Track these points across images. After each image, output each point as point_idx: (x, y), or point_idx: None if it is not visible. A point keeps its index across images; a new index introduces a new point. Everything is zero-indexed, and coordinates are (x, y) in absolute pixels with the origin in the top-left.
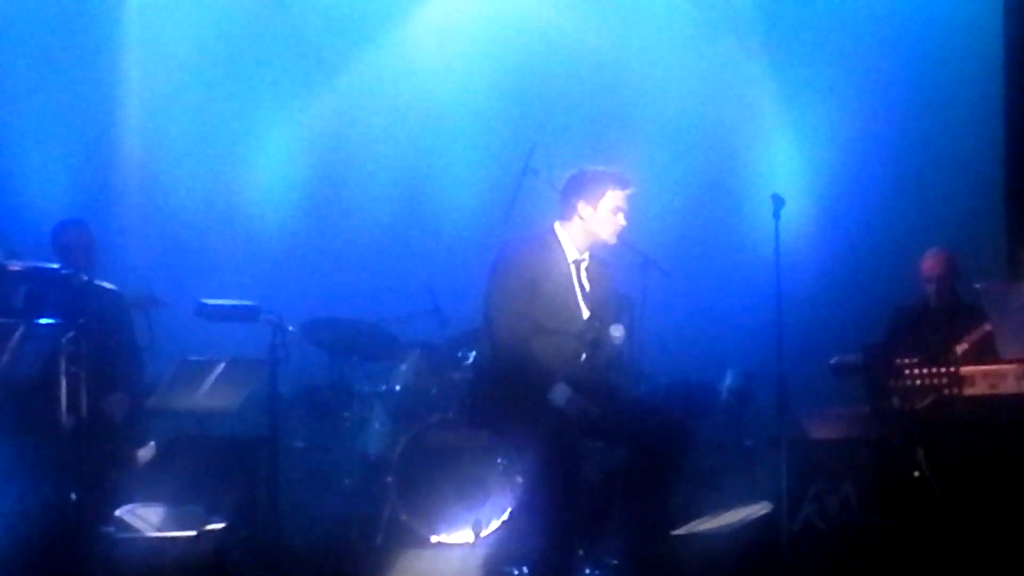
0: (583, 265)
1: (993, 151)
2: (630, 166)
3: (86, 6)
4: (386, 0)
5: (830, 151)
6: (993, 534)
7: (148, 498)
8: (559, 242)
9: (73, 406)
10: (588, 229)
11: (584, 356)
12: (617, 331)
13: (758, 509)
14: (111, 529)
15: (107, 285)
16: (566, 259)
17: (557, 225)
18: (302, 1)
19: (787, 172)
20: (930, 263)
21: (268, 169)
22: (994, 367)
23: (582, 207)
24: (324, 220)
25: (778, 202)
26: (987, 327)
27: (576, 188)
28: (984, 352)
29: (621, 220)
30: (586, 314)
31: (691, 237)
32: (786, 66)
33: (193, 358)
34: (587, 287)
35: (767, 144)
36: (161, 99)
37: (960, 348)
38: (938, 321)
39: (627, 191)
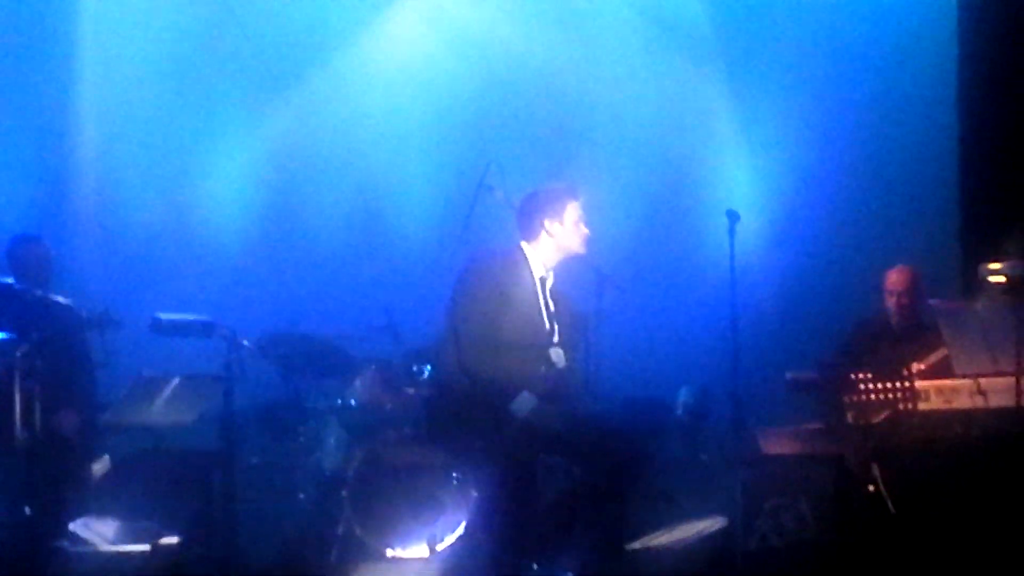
0: (547, 283)
1: (948, 168)
2: (585, 182)
3: (40, 21)
4: (342, 14)
5: (785, 167)
6: (947, 549)
7: (102, 512)
8: (526, 259)
9: (27, 421)
10: (559, 245)
11: (544, 370)
12: (556, 354)
13: (713, 524)
14: (65, 543)
15: (62, 300)
16: (533, 276)
17: (524, 243)
18: (257, 15)
19: (742, 188)
20: (894, 278)
21: (224, 184)
22: (948, 382)
23: (549, 224)
24: (279, 235)
25: (733, 218)
26: (944, 350)
27: (538, 207)
28: (940, 375)
29: (584, 229)
30: (550, 330)
31: (646, 253)
32: (741, 82)
33: (148, 373)
34: (552, 307)
35: (722, 160)
36: (116, 113)
37: (916, 368)
38: (898, 339)
39: (581, 200)
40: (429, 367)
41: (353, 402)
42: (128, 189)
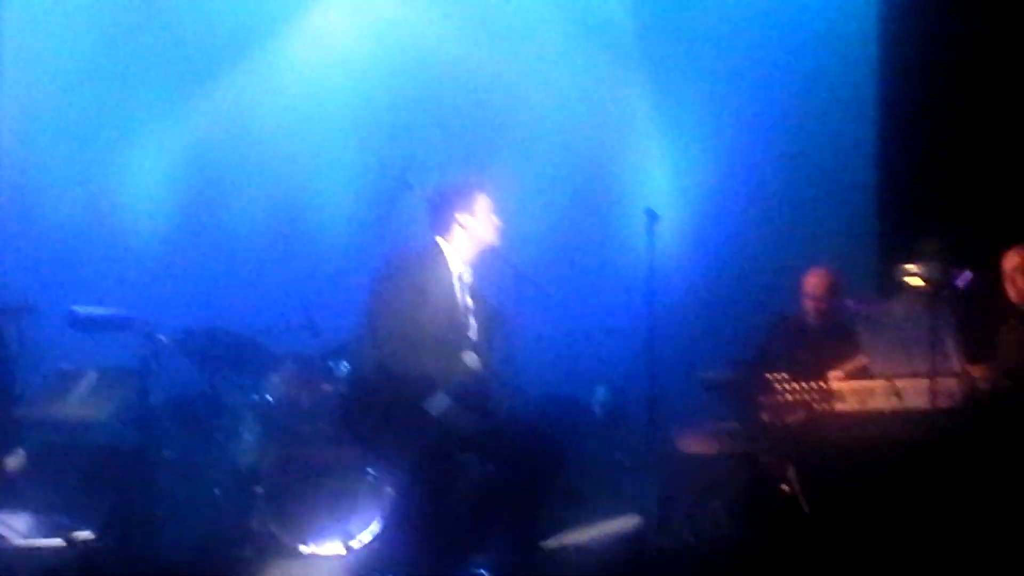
0: (465, 279)
1: (866, 169)
2: (503, 178)
3: None
4: (264, 9)
5: (703, 167)
6: (861, 550)
7: (16, 507)
8: (443, 255)
9: None
10: (473, 237)
11: (462, 367)
12: (469, 358)
13: (628, 523)
14: None
15: None
16: (450, 272)
17: (439, 240)
18: (178, 8)
19: (661, 187)
20: (812, 281)
21: (142, 178)
22: (865, 383)
23: (461, 217)
24: (197, 229)
25: (652, 217)
26: (862, 358)
27: (448, 201)
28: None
29: (497, 219)
30: (467, 326)
31: (564, 251)
32: (661, 82)
33: (64, 367)
34: (470, 303)
35: (641, 158)
36: (35, 102)
37: (834, 376)
38: (816, 340)
39: (491, 190)
40: (346, 364)
41: (270, 398)
42: (45, 181)
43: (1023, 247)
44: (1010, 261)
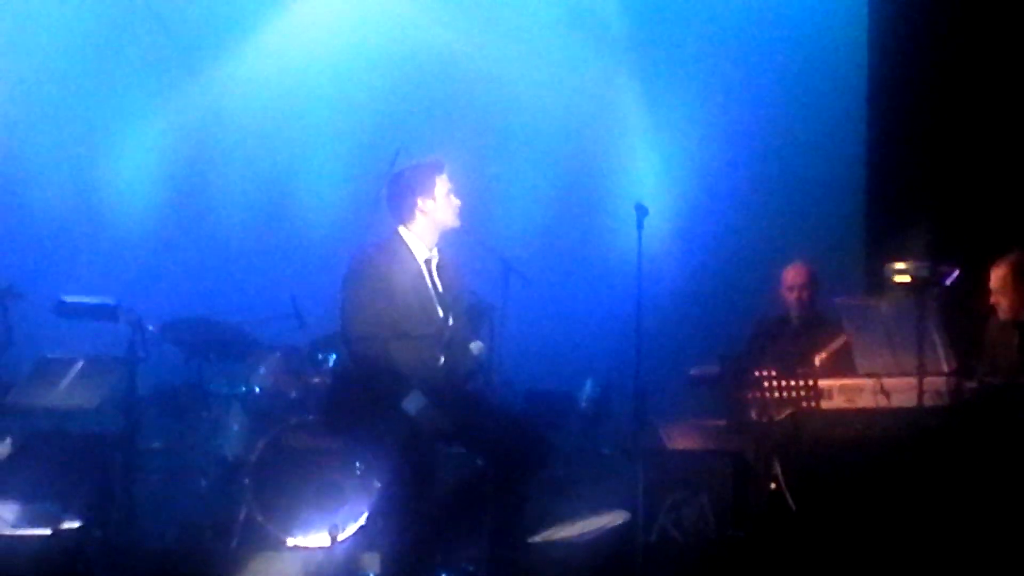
0: (433, 263)
1: (855, 166)
2: (494, 173)
3: None
4: (252, 1)
5: (693, 162)
6: (847, 547)
7: (2, 495)
8: (407, 244)
9: None
10: (435, 221)
11: (442, 359)
12: (477, 347)
13: (614, 518)
14: None
15: None
16: (416, 260)
17: (401, 229)
18: None
19: (650, 182)
20: (791, 275)
21: (131, 167)
22: (851, 381)
23: (421, 203)
24: (186, 219)
25: (641, 211)
26: (844, 338)
27: (407, 188)
28: (841, 363)
29: (456, 200)
30: (441, 315)
31: (553, 244)
32: (651, 77)
33: (51, 355)
34: (440, 288)
35: (631, 153)
36: (23, 90)
37: (818, 358)
38: (797, 333)
39: (448, 171)
40: (334, 355)
41: (257, 388)
42: (34, 170)
43: (1003, 263)
44: (994, 278)
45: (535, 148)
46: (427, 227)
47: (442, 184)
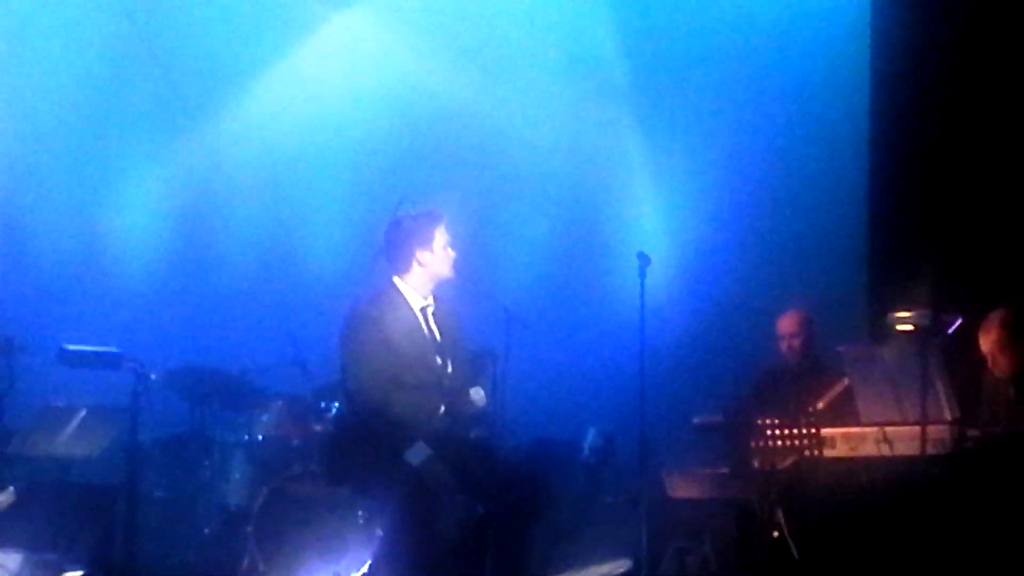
0: (429, 311)
1: (857, 215)
2: (496, 220)
3: None
4: (256, 46)
5: (695, 210)
6: None
7: (6, 544)
8: (402, 295)
9: None
10: (431, 272)
11: (442, 408)
12: (477, 394)
13: (618, 566)
14: None
15: None
16: (412, 310)
17: (396, 279)
18: (171, 45)
19: (652, 228)
20: (786, 323)
21: (134, 213)
22: (855, 430)
23: (420, 254)
24: (188, 267)
25: (644, 260)
26: (843, 384)
27: (406, 238)
28: (841, 409)
29: (452, 252)
30: (440, 363)
31: (555, 292)
32: (653, 124)
33: (54, 404)
34: (438, 336)
35: (633, 201)
36: (25, 137)
37: (820, 404)
38: (796, 380)
39: (444, 223)
40: (336, 404)
41: (260, 436)
42: (36, 216)
43: (992, 326)
44: (986, 338)
45: (537, 196)
46: (423, 278)
47: (440, 236)
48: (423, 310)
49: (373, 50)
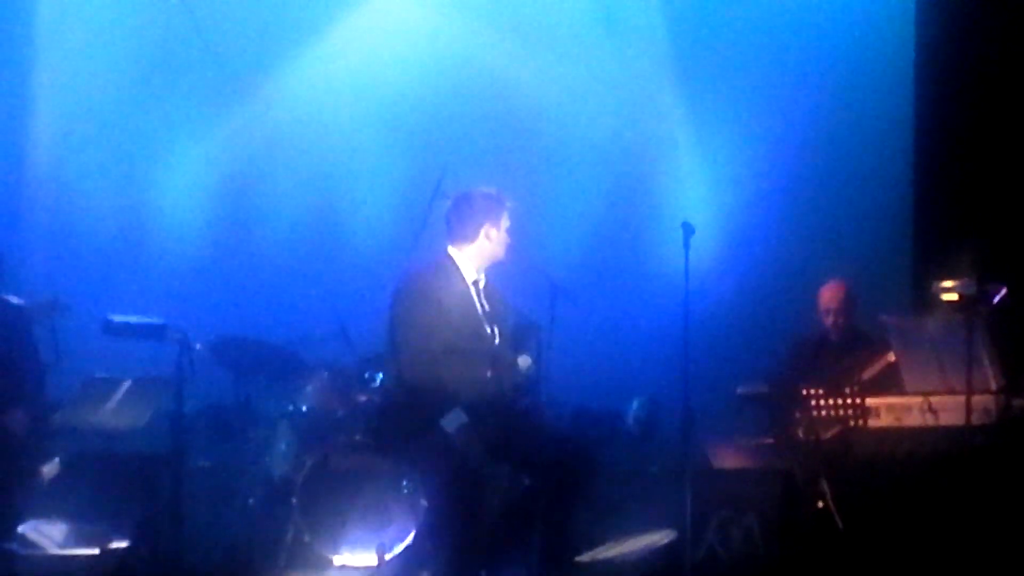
0: (480, 285)
1: (902, 184)
2: (540, 192)
3: None
4: (297, 20)
5: (739, 180)
6: (895, 567)
7: (51, 515)
8: (456, 266)
9: None
10: (492, 249)
11: (489, 374)
12: (524, 362)
13: (662, 537)
14: (13, 546)
15: (12, 299)
16: (465, 281)
17: (452, 249)
18: (214, 18)
19: (696, 199)
20: (827, 295)
21: (178, 187)
22: (899, 399)
23: (487, 230)
24: (232, 239)
25: (688, 230)
26: (889, 357)
27: (479, 211)
28: (886, 381)
29: (508, 237)
30: (489, 332)
31: (600, 264)
32: (697, 95)
33: (99, 375)
34: (487, 307)
35: (677, 171)
36: (71, 111)
37: (866, 375)
38: (838, 352)
39: (510, 208)
40: (381, 374)
41: (304, 407)
42: (82, 189)
43: None
44: None
45: (581, 167)
46: (481, 253)
47: (506, 218)
48: (475, 283)
49: (417, 22)
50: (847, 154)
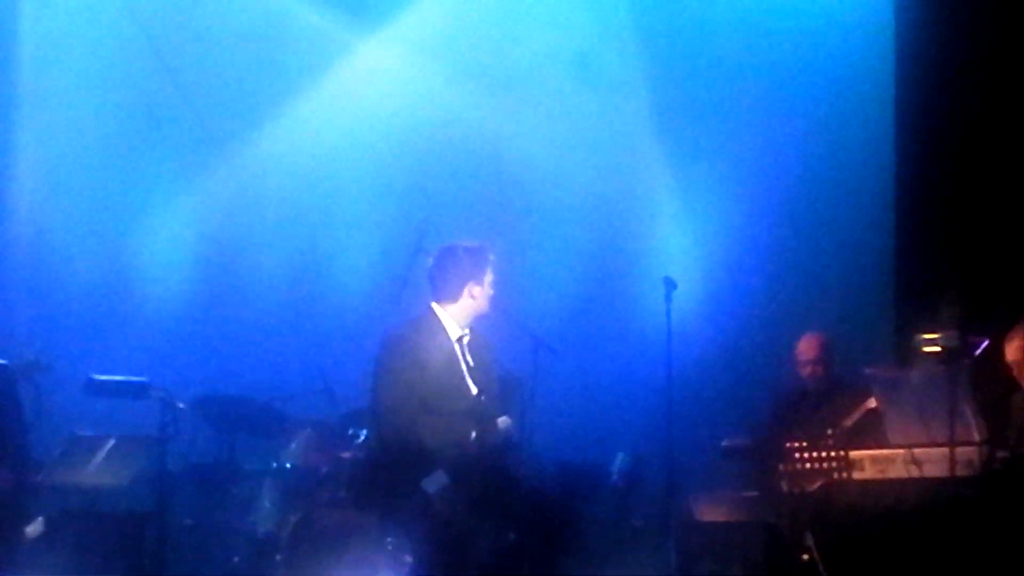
0: (465, 341)
1: (884, 237)
2: (522, 247)
3: None
4: (282, 77)
5: (720, 233)
6: None
7: (35, 574)
8: (440, 323)
9: None
10: (475, 307)
11: (474, 434)
12: (504, 422)
13: None
14: None
15: None
16: (450, 339)
17: (435, 306)
18: (197, 74)
19: (677, 253)
20: (804, 346)
21: (160, 243)
22: (883, 452)
23: (471, 288)
24: (216, 295)
25: (670, 285)
26: (869, 403)
27: (464, 269)
28: (868, 427)
29: (492, 290)
30: (474, 390)
31: (582, 318)
32: (679, 150)
33: (82, 434)
34: (471, 363)
35: (658, 226)
36: (52, 169)
37: (845, 425)
38: (817, 402)
39: (493, 261)
40: (365, 431)
41: (288, 464)
42: (63, 248)
43: (1017, 335)
44: (1011, 351)
45: (562, 222)
46: (465, 310)
47: (490, 272)
48: (459, 340)
49: (397, 79)
50: (829, 207)
